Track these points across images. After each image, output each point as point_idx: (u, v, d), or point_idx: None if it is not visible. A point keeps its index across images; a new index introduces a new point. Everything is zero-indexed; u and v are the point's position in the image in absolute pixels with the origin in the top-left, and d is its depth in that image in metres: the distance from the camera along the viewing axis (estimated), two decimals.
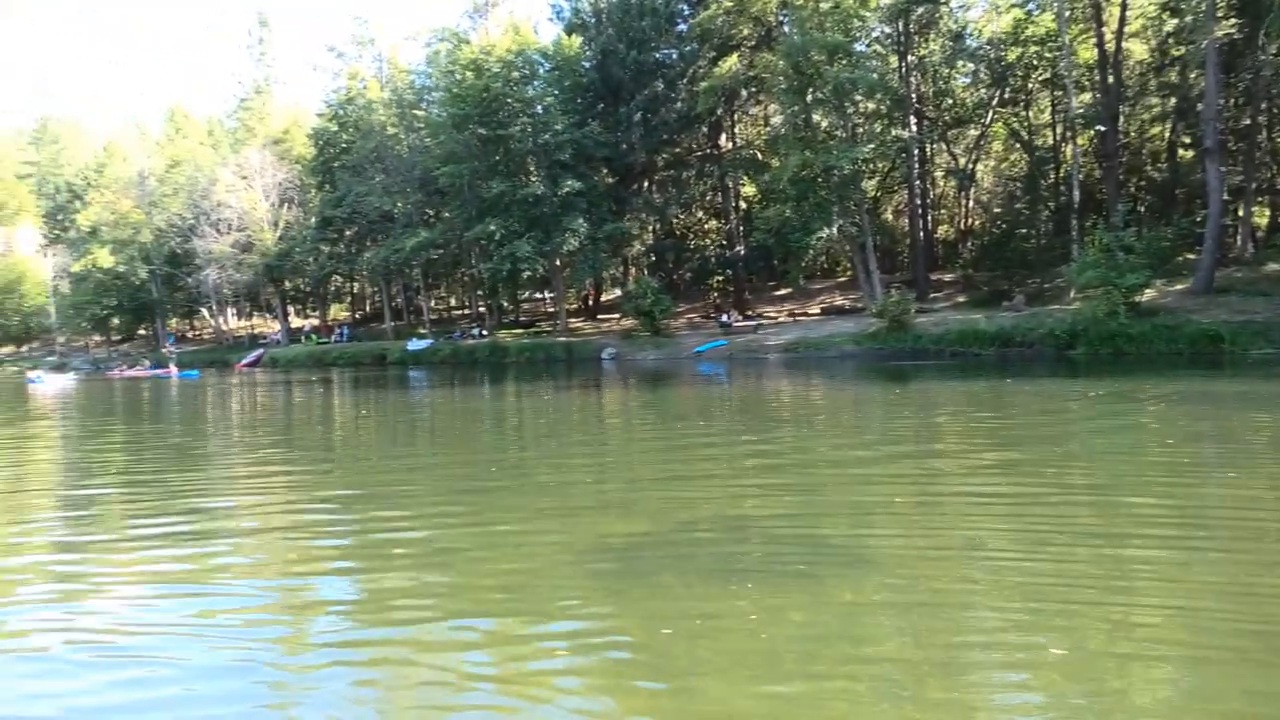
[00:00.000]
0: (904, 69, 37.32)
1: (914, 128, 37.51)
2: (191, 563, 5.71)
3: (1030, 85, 38.90)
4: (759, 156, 43.22)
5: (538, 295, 57.06)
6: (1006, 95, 39.43)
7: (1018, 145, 41.05)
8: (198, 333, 74.84)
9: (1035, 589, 4.66)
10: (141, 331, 71.67)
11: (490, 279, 44.14)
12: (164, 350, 46.23)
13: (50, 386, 34.03)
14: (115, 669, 3.95)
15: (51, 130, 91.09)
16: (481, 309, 51.68)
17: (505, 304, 51.91)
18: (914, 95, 37.86)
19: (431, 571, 5.43)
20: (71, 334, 78.45)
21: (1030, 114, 40.97)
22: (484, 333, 46.14)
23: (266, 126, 62.63)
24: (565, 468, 9.49)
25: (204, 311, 68.49)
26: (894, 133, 36.54)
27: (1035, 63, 36.89)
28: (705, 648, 4.02)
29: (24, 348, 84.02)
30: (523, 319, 51.33)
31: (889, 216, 47.81)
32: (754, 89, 42.85)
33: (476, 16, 50.27)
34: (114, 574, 5.60)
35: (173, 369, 43.09)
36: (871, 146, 35.05)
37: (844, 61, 33.09)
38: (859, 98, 35.22)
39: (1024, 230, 38.67)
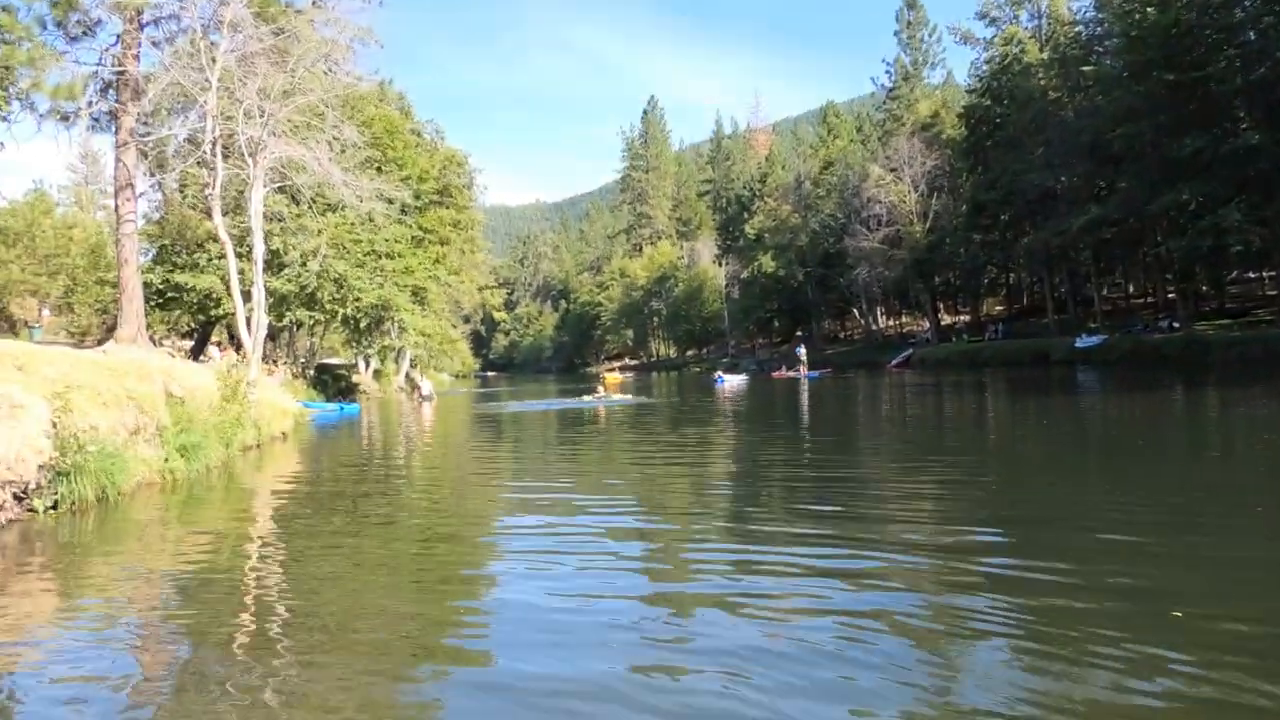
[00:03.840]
0: None
1: None
2: (842, 567, 6.28)
3: None
4: None
5: (1250, 275, 48.90)
6: None
7: None
8: (848, 333, 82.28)
9: None
10: (798, 332, 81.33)
11: (1183, 258, 39.73)
12: (794, 353, 52.20)
13: (728, 385, 41.12)
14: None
15: (724, 148, 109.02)
16: (1170, 295, 46.52)
17: (1204, 288, 45.76)
18: None
19: (1114, 619, 4.73)
20: (740, 337, 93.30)
21: None
22: (1174, 325, 41.54)
23: (915, 113, 65.87)
24: None
25: (854, 311, 74.87)
26: None
27: None
28: None
29: (703, 350, 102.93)
30: (1229, 305, 44.66)
31: None
32: None
33: None
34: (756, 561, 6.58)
35: (802, 370, 48.28)
36: None
37: None
38: None
39: None
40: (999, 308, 69.08)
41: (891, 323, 78.32)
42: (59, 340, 38.12)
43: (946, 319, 69.91)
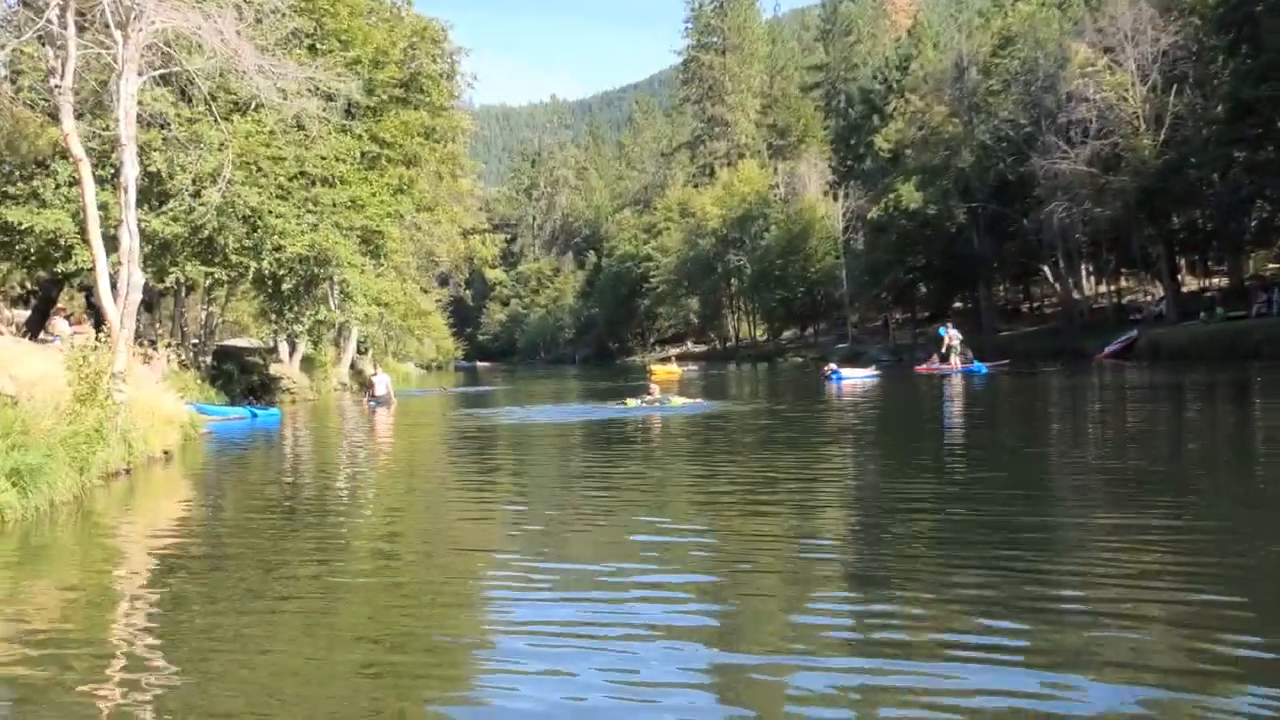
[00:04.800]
0: None
1: None
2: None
3: None
4: None
5: None
6: None
7: None
8: (1036, 305, 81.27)
9: None
10: (957, 304, 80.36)
11: None
12: (944, 337, 51.90)
13: (848, 384, 40.95)
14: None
15: (843, 17, 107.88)
16: None
17: None
18: None
19: None
20: (865, 309, 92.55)
21: None
22: None
23: None
24: None
25: (1044, 271, 73.87)
26: None
27: None
28: None
29: (807, 330, 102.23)
30: None
31: None
32: None
33: None
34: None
35: (956, 361, 48.06)
36: None
37: None
38: None
39: None
40: (1273, 265, 67.81)
41: (1103, 289, 77.13)
42: None
43: (1191, 283, 68.95)
